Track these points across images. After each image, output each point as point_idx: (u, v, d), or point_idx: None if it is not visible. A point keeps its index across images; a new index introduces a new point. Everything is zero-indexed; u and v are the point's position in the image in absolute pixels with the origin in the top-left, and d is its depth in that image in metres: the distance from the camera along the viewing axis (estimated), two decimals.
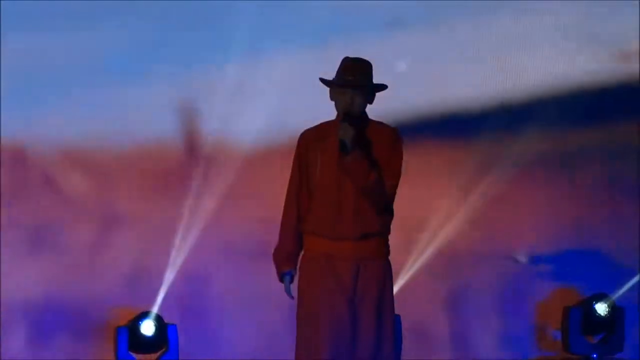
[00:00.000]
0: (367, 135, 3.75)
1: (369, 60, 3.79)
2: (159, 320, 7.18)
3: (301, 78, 5.93)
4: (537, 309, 8.11)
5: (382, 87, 3.79)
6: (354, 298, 3.62)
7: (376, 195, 3.66)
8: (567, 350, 8.18)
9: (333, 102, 3.73)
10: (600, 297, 8.40)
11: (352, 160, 3.54)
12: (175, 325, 7.35)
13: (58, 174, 6.68)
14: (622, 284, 8.47)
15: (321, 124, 3.79)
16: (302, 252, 3.79)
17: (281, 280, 3.68)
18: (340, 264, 3.60)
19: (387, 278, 3.78)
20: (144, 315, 7.16)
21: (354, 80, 3.68)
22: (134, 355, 6.97)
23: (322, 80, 3.75)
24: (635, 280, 8.63)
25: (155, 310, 7.38)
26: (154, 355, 7.29)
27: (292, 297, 3.65)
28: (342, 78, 3.69)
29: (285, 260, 3.69)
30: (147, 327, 7.07)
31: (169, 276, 7.85)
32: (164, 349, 7.05)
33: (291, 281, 3.66)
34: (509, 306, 7.47)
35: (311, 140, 3.73)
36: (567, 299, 9.05)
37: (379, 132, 3.75)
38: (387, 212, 3.73)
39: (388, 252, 3.87)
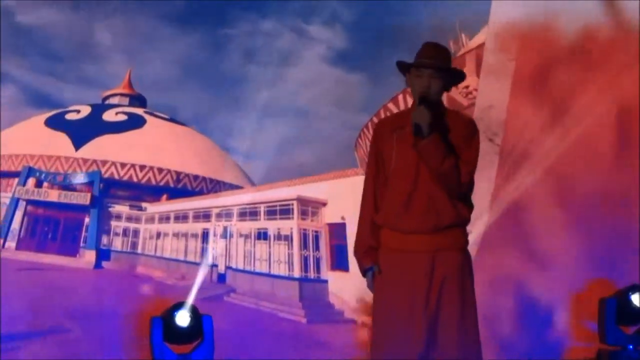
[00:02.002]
0: (444, 121, 3.69)
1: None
2: (194, 311, 7.46)
3: None
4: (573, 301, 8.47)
5: (461, 73, 3.84)
6: (431, 291, 3.67)
7: (452, 182, 3.66)
8: (603, 341, 8.33)
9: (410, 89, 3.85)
10: (635, 288, 8.54)
11: (428, 143, 3.54)
12: (211, 316, 7.63)
13: None
14: None
15: (398, 113, 3.82)
16: (381, 247, 3.77)
17: (363, 275, 3.76)
18: (413, 258, 3.61)
19: (467, 268, 3.67)
20: (179, 305, 7.45)
21: (433, 63, 3.75)
22: (169, 345, 7.27)
23: (400, 63, 3.83)
24: None
25: (190, 301, 7.69)
26: (189, 346, 7.60)
27: (374, 291, 3.75)
28: (420, 61, 3.76)
29: (366, 255, 3.62)
30: (182, 318, 7.35)
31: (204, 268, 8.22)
32: (199, 340, 7.33)
33: (373, 276, 3.72)
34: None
35: (387, 129, 3.71)
36: (603, 290, 9.31)
37: (456, 119, 3.75)
38: (463, 202, 3.74)
39: (467, 243, 3.78)
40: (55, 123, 16.62)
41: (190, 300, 7.21)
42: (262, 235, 12.50)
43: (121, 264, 13.41)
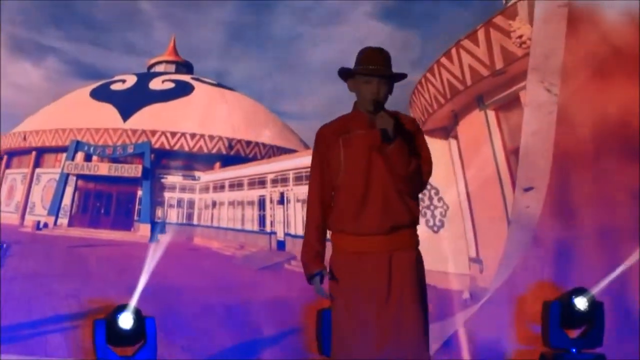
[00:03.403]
0: (400, 123, 3.79)
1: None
2: (137, 313, 7.58)
3: None
4: (517, 303, 8.59)
5: (404, 76, 3.95)
6: (390, 292, 3.80)
7: (415, 184, 3.84)
8: (547, 344, 8.44)
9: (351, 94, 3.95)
10: (579, 292, 8.62)
11: (395, 149, 3.69)
12: (154, 318, 7.75)
13: None
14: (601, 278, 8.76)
15: (338, 119, 3.92)
16: (332, 252, 3.88)
17: (309, 281, 3.85)
18: (371, 259, 3.76)
19: (421, 267, 3.85)
20: (122, 308, 7.56)
21: (380, 70, 3.85)
22: (111, 348, 7.40)
23: (344, 70, 3.91)
24: (614, 274, 8.88)
25: (133, 303, 7.81)
26: (132, 349, 7.73)
27: (326, 296, 3.83)
28: (366, 67, 3.86)
29: (315, 260, 3.74)
30: (125, 320, 7.46)
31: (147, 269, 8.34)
32: (142, 342, 7.46)
33: (321, 281, 3.82)
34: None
35: (331, 135, 3.86)
36: (547, 293, 9.40)
37: (404, 120, 3.94)
38: (415, 201, 3.89)
39: (418, 243, 3.93)
40: (101, 94, 16.77)
41: (134, 301, 7.28)
42: None
43: (177, 236, 13.57)
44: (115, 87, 16.83)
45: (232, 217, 13.87)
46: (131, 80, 16.85)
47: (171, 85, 16.31)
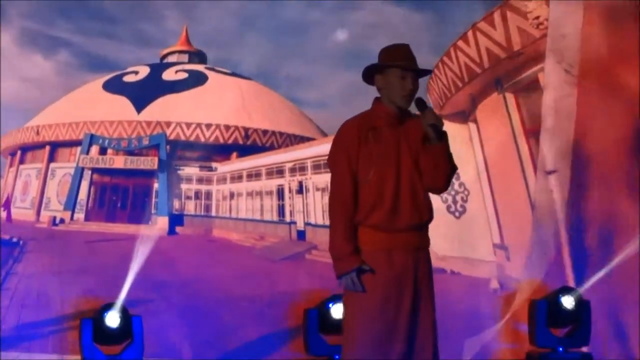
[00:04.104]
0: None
1: None
2: (124, 311, 7.70)
3: None
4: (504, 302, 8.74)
5: (430, 72, 4.13)
6: (416, 288, 3.95)
7: (449, 181, 4.02)
8: (534, 343, 8.54)
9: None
10: (565, 291, 8.73)
11: (444, 145, 3.90)
12: (140, 317, 7.88)
13: None
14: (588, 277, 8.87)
15: (363, 114, 4.04)
16: (360, 247, 3.97)
17: (343, 276, 3.94)
18: (401, 256, 3.89)
19: (431, 266, 4.04)
20: (109, 306, 7.68)
21: (415, 65, 4.02)
22: (98, 347, 7.52)
23: (379, 65, 4.03)
24: (601, 273, 9.01)
25: (120, 301, 7.93)
26: (119, 347, 7.85)
27: (362, 290, 3.94)
28: (405, 63, 3.99)
29: (351, 256, 3.86)
30: (112, 319, 7.59)
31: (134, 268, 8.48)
32: (129, 341, 7.58)
33: (358, 276, 3.93)
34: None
35: (360, 130, 3.97)
36: (534, 292, 9.53)
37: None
38: (430, 200, 4.05)
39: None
40: (114, 86, 16.87)
41: (120, 300, 7.43)
42: None
43: (196, 229, 13.69)
44: (128, 78, 16.93)
45: (251, 208, 13.96)
46: (144, 71, 16.96)
47: (184, 75, 16.40)
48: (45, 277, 11.09)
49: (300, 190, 13.49)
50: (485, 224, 11.00)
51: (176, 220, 14.07)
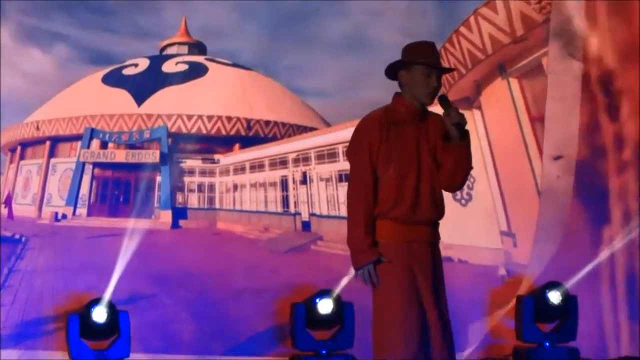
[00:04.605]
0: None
1: None
2: (111, 307, 7.76)
3: None
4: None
5: (451, 70, 4.29)
6: (434, 278, 4.06)
7: (466, 180, 4.15)
8: (520, 338, 8.61)
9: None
10: (553, 286, 8.79)
11: (468, 144, 4.03)
12: (127, 312, 7.95)
13: None
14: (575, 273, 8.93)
15: (384, 109, 4.17)
16: (379, 239, 4.04)
17: (360, 269, 4.03)
18: (421, 248, 4.01)
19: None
20: (96, 301, 7.74)
21: (440, 63, 4.14)
22: (85, 342, 7.57)
23: (404, 61, 4.12)
24: (588, 268, 9.08)
25: (107, 296, 7.99)
26: (106, 342, 7.91)
27: (378, 284, 4.02)
28: (432, 61, 4.10)
29: (369, 250, 3.97)
30: (99, 314, 7.66)
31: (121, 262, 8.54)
32: (115, 336, 7.64)
33: (375, 267, 4.03)
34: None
35: (382, 125, 4.08)
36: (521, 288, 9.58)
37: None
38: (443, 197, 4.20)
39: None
40: (113, 79, 16.86)
41: (108, 295, 7.52)
42: (344, 178, 12.69)
43: (200, 222, 13.71)
44: (127, 71, 16.91)
45: (255, 200, 13.99)
46: (143, 63, 16.93)
47: (185, 67, 16.38)
48: (48, 273, 11.12)
49: (304, 181, 13.51)
50: (492, 211, 11.02)
51: (180, 213, 14.08)
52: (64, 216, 15.47)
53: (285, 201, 13.59)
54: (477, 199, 10.97)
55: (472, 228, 10.83)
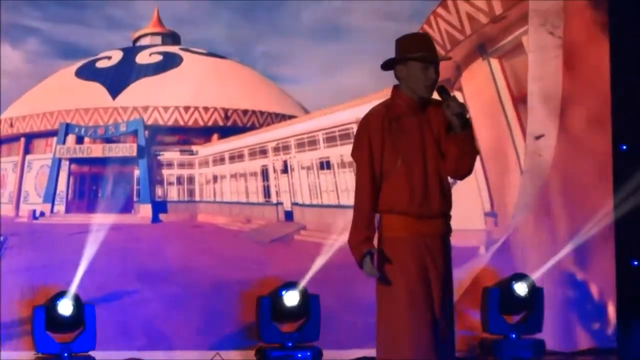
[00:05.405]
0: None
1: None
2: (76, 299, 7.73)
3: None
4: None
5: (450, 59, 4.37)
6: (445, 271, 4.13)
7: (473, 166, 4.22)
8: (486, 330, 8.65)
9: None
10: (519, 277, 8.84)
11: (471, 133, 4.09)
12: (93, 305, 7.91)
13: None
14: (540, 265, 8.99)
15: (384, 104, 4.24)
16: (386, 234, 4.31)
17: (360, 262, 4.10)
18: (431, 242, 4.07)
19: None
20: (62, 294, 7.70)
21: (436, 57, 4.19)
22: (51, 334, 7.54)
23: (408, 56, 4.17)
24: (554, 260, 9.15)
25: (73, 289, 7.95)
26: (71, 335, 7.87)
27: (377, 275, 4.06)
28: (429, 55, 4.16)
29: (364, 242, 4.04)
30: (65, 307, 7.63)
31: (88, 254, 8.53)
32: (81, 329, 7.62)
33: (372, 260, 4.08)
34: None
35: (384, 120, 4.14)
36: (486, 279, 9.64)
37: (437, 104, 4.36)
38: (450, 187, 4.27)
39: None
40: (87, 73, 16.68)
41: (73, 288, 7.55)
42: (325, 165, 12.68)
43: (180, 215, 13.65)
44: (100, 64, 16.74)
45: (236, 191, 13.92)
46: (117, 55, 16.77)
47: (159, 58, 16.23)
48: (28, 272, 11.08)
49: (285, 170, 13.48)
50: (476, 192, 11.04)
51: (159, 207, 14.01)
52: (42, 214, 15.35)
53: (266, 191, 13.54)
54: (462, 181, 10.99)
55: (458, 210, 10.85)
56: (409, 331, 3.94)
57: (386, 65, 4.31)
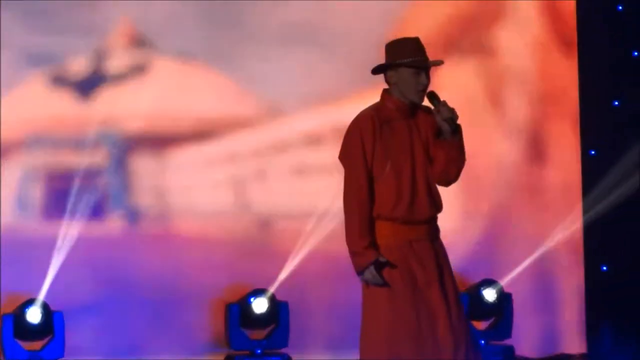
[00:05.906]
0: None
1: None
2: (45, 307, 7.69)
3: None
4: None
5: (442, 62, 4.33)
6: (440, 274, 4.10)
7: (460, 173, 4.22)
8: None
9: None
10: (488, 283, 8.86)
11: (460, 139, 4.10)
12: (62, 312, 7.86)
13: None
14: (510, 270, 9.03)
15: (375, 107, 4.23)
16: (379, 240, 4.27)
17: (362, 271, 4.08)
18: (421, 248, 4.06)
19: (446, 252, 4.23)
20: (30, 302, 7.67)
21: (427, 61, 4.17)
22: (20, 342, 7.50)
23: (399, 62, 4.15)
24: (523, 266, 9.19)
25: (41, 297, 7.90)
26: (40, 343, 7.83)
27: (383, 284, 4.04)
28: (421, 59, 4.15)
29: (368, 249, 4.03)
30: (33, 315, 7.60)
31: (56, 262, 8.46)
32: (50, 337, 7.58)
33: (376, 269, 4.07)
34: None
35: (375, 124, 4.14)
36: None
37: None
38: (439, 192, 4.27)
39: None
40: (56, 80, 16.61)
41: (42, 296, 7.48)
42: (300, 171, 12.64)
43: (150, 223, 13.55)
44: (70, 72, 16.66)
45: (211, 198, 13.88)
46: (85, 64, 16.67)
47: (128, 64, 16.11)
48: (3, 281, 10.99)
49: (261, 176, 13.44)
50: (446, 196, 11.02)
51: (130, 215, 13.92)
52: (11, 222, 15.23)
53: (238, 198, 13.50)
54: None
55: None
56: (386, 337, 3.94)
57: (376, 71, 4.31)
